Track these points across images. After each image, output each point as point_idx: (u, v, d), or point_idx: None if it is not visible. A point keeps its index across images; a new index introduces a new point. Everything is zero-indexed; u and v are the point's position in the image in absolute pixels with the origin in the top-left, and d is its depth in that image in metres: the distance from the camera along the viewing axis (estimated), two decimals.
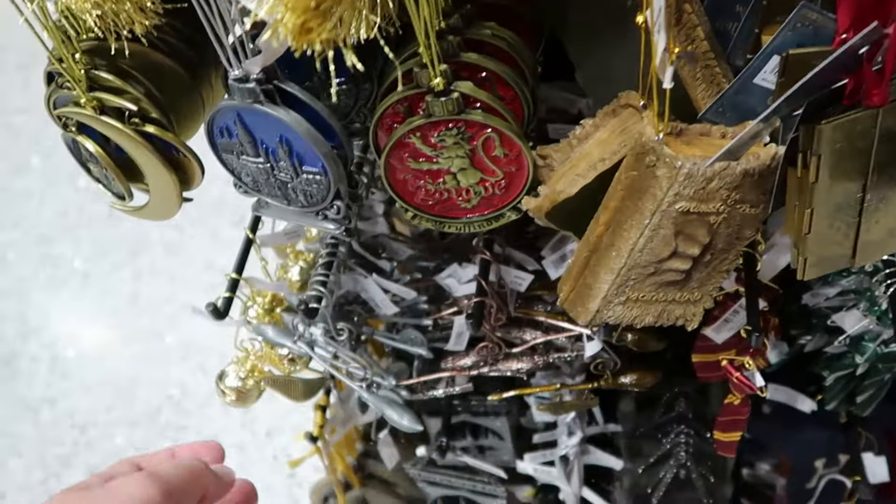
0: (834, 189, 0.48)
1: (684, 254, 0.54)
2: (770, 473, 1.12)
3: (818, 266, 0.52)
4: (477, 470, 0.95)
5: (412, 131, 0.52)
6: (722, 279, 0.58)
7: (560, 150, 0.57)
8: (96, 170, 0.62)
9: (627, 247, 0.53)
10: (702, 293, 0.58)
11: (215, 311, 0.73)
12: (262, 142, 0.55)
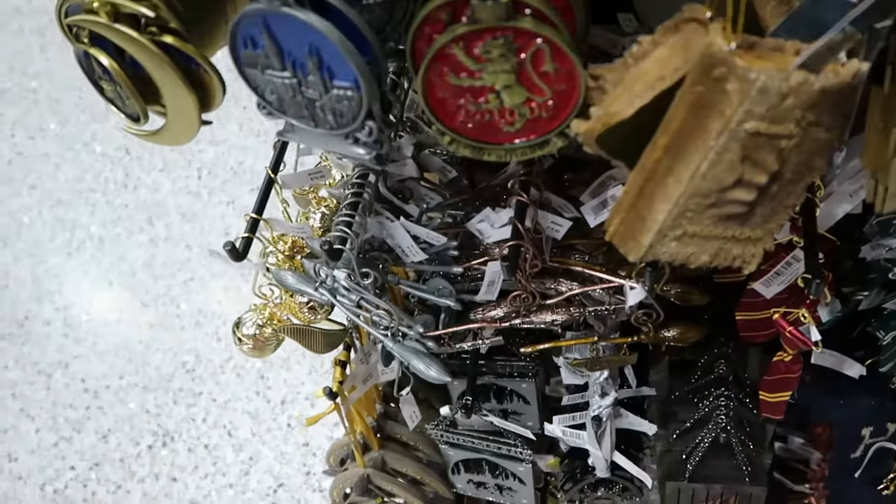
0: None
1: (750, 182, 0.49)
2: (804, 447, 1.08)
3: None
4: (501, 432, 0.91)
5: (455, 40, 0.48)
6: (786, 217, 0.53)
7: (614, 70, 0.52)
8: (109, 88, 0.57)
9: (688, 172, 0.48)
10: (764, 231, 0.54)
11: (233, 252, 0.70)
12: (289, 53, 0.50)
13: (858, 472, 0.79)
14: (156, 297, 2.16)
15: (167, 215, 2.30)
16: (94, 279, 2.23)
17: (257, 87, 0.54)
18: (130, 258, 2.24)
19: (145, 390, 2.00)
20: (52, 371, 2.05)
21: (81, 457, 1.91)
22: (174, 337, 2.08)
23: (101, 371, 2.04)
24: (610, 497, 0.91)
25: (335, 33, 0.48)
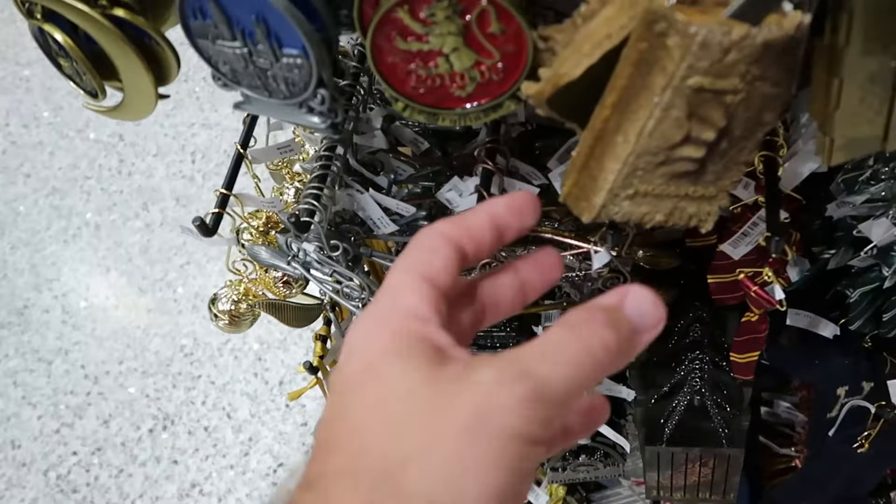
0: (867, 56, 0.43)
1: (698, 139, 0.49)
2: (789, 411, 1.08)
3: (846, 149, 0.47)
4: None
5: (399, 4, 0.48)
6: (740, 173, 0.53)
7: (564, 30, 0.52)
8: (67, 65, 0.58)
9: (635, 130, 0.48)
10: (717, 188, 0.54)
11: (202, 227, 0.70)
12: (237, 21, 0.50)
13: (833, 430, 0.80)
14: (153, 282, 2.17)
15: (162, 200, 2.31)
16: (91, 266, 2.24)
17: (210, 57, 0.54)
18: (127, 244, 2.25)
19: (145, 375, 2.02)
20: (53, 358, 2.07)
21: (83, 442, 1.93)
22: (172, 321, 2.10)
23: (101, 357, 2.06)
24: (592, 463, 0.92)
25: (279, 1, 0.48)
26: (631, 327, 0.36)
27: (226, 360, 2.01)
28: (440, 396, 0.32)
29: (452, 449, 0.31)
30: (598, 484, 1.17)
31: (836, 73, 0.44)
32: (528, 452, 0.32)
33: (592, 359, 0.34)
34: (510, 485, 0.32)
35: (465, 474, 0.31)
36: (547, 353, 0.34)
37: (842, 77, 0.44)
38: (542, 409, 0.32)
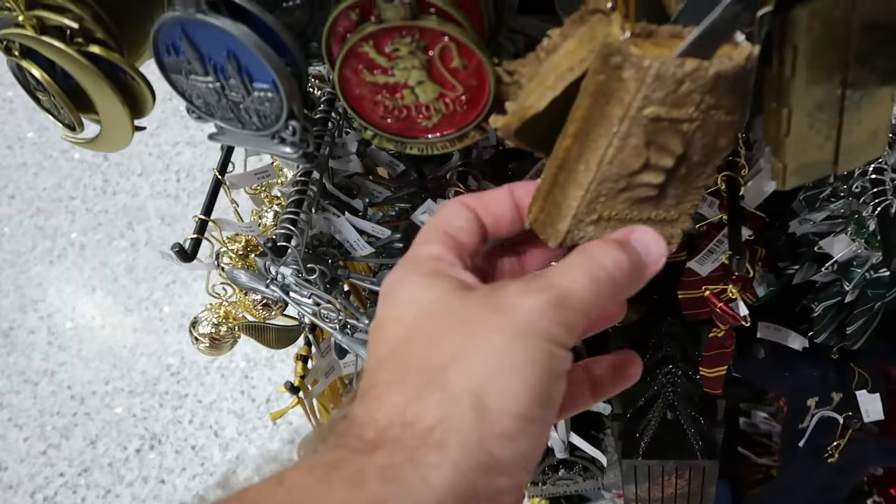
0: (812, 85, 0.45)
1: (657, 166, 0.50)
2: (767, 422, 1.10)
3: (798, 174, 0.49)
4: None
5: (364, 39, 0.50)
6: (699, 197, 0.55)
7: (528, 64, 0.53)
8: (45, 99, 0.59)
9: (596, 158, 0.50)
10: (679, 212, 0.55)
11: (182, 253, 0.71)
12: (209, 58, 0.52)
13: (803, 441, 0.82)
14: (139, 302, 2.17)
15: (147, 219, 2.32)
16: (76, 286, 2.24)
17: (184, 92, 0.56)
18: (112, 263, 2.25)
19: (131, 394, 2.02)
20: (39, 379, 2.07)
21: (70, 463, 1.93)
22: (158, 340, 2.10)
23: (87, 377, 2.06)
24: (571, 477, 0.94)
25: (249, 37, 0.50)
26: (638, 256, 0.42)
27: (212, 379, 2.01)
28: (473, 309, 0.36)
29: (491, 349, 0.34)
30: (581, 497, 1.19)
31: (784, 103, 0.46)
32: (558, 353, 0.35)
33: (607, 274, 0.39)
34: (546, 382, 0.35)
35: (504, 369, 0.34)
36: (566, 269, 0.38)
37: (790, 106, 0.46)
38: (566, 314, 0.36)
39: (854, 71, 0.45)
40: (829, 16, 0.43)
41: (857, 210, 0.65)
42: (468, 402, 0.33)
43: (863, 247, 0.65)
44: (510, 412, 0.34)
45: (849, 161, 0.49)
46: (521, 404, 0.34)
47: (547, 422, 0.36)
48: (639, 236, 0.43)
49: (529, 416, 0.34)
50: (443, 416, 0.33)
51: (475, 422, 0.33)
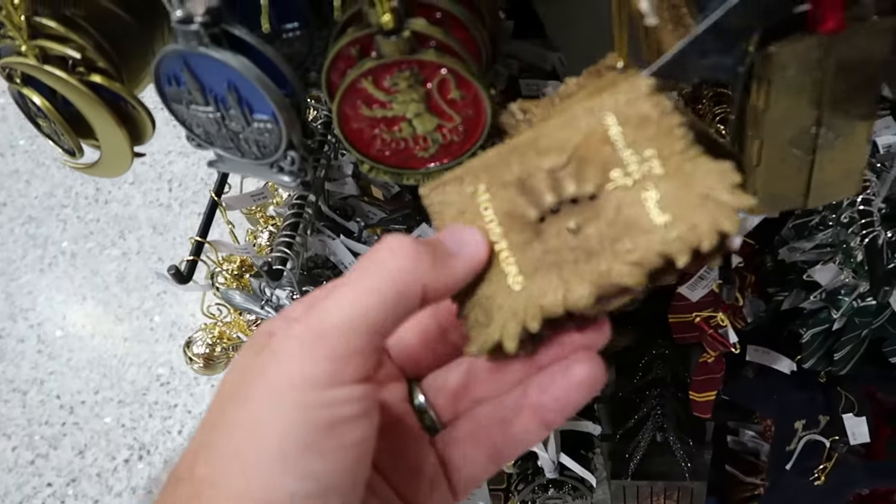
0: (785, 120, 0.46)
1: None
2: (755, 440, 1.11)
3: (767, 203, 0.50)
4: None
5: (364, 75, 0.50)
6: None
7: (542, 105, 0.54)
8: (45, 125, 0.60)
9: None
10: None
11: (178, 275, 0.72)
12: (210, 89, 0.53)
13: (790, 463, 0.83)
14: (129, 311, 2.17)
15: (139, 228, 2.32)
16: (67, 295, 2.24)
17: (184, 120, 0.57)
18: (103, 272, 2.25)
19: (121, 404, 2.01)
20: (28, 388, 2.06)
21: (58, 473, 1.92)
22: (148, 350, 2.10)
23: (77, 386, 2.05)
24: (561, 496, 0.94)
25: (250, 70, 0.50)
26: (443, 247, 0.37)
27: (202, 389, 2.01)
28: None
29: (239, 420, 0.32)
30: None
31: (757, 135, 0.47)
32: (322, 397, 0.32)
33: (380, 269, 0.34)
34: (300, 439, 0.31)
35: (241, 445, 0.31)
36: (333, 285, 0.35)
37: (762, 138, 0.46)
38: (328, 343, 0.32)
39: (828, 112, 0.46)
40: (806, 57, 0.44)
41: (846, 240, 0.66)
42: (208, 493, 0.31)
43: (850, 276, 0.66)
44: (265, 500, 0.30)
45: (820, 197, 0.50)
46: (260, 485, 0.31)
47: (319, 494, 0.32)
48: (451, 234, 0.38)
49: (288, 501, 0.31)
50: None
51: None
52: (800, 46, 0.44)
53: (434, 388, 0.41)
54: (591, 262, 0.38)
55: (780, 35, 0.45)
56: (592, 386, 0.37)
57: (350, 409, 0.33)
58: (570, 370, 0.37)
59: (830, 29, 0.42)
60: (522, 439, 0.38)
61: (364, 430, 0.33)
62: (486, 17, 0.54)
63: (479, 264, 0.38)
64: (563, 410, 0.37)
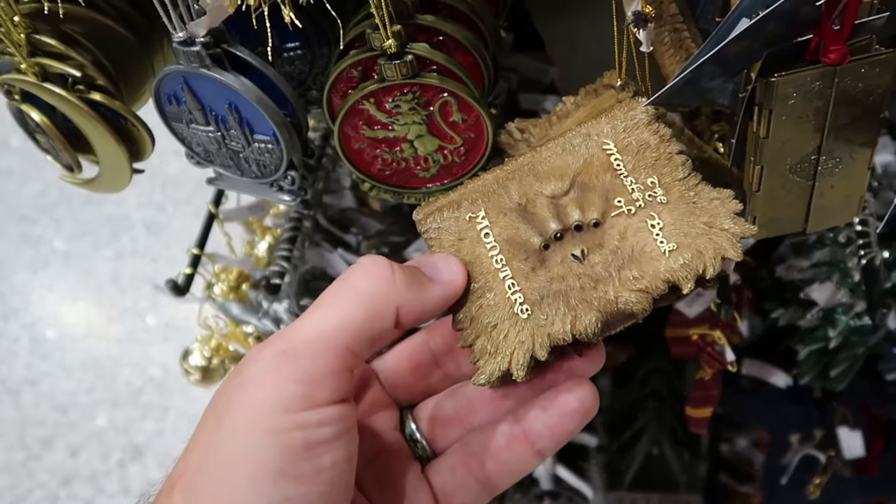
0: (786, 147, 0.46)
1: None
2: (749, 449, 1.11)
3: (767, 227, 0.50)
4: None
5: (365, 97, 0.50)
6: None
7: (539, 125, 0.54)
8: (44, 140, 0.59)
9: None
10: None
11: (175, 288, 0.72)
12: (210, 109, 0.52)
13: (785, 477, 0.83)
14: (123, 312, 2.16)
15: (132, 229, 2.31)
16: (60, 295, 2.23)
17: (184, 139, 0.56)
18: (97, 273, 2.24)
19: (114, 406, 2.00)
20: (20, 389, 2.05)
21: (51, 475, 1.91)
22: (142, 351, 2.09)
23: (69, 387, 2.04)
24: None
25: (252, 91, 0.50)
26: (419, 273, 0.37)
27: (196, 391, 1.99)
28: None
29: (212, 449, 0.32)
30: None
31: (758, 161, 0.47)
32: (295, 420, 0.32)
33: (354, 292, 0.34)
34: (281, 459, 0.31)
35: (218, 477, 0.31)
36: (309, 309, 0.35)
37: (762, 164, 0.47)
38: (298, 364, 0.32)
39: (830, 140, 0.46)
40: (808, 86, 0.44)
41: (843, 259, 0.66)
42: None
43: (847, 295, 0.67)
44: None
45: (819, 222, 0.51)
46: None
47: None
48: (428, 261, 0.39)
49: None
50: None
51: None
52: (802, 76, 0.44)
53: (426, 417, 0.42)
54: (597, 290, 0.38)
55: (782, 63, 0.45)
56: (586, 414, 0.37)
57: (325, 431, 0.32)
58: (562, 398, 0.37)
59: (834, 60, 0.43)
60: (515, 469, 0.39)
61: (341, 452, 0.33)
62: (489, 40, 0.54)
63: (455, 292, 0.38)
64: (556, 439, 0.38)
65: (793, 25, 0.43)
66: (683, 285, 0.38)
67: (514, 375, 0.37)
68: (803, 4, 0.41)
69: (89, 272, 2.24)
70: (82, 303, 2.20)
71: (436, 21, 0.50)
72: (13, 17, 0.51)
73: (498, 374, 0.37)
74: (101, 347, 2.11)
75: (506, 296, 0.39)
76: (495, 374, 0.37)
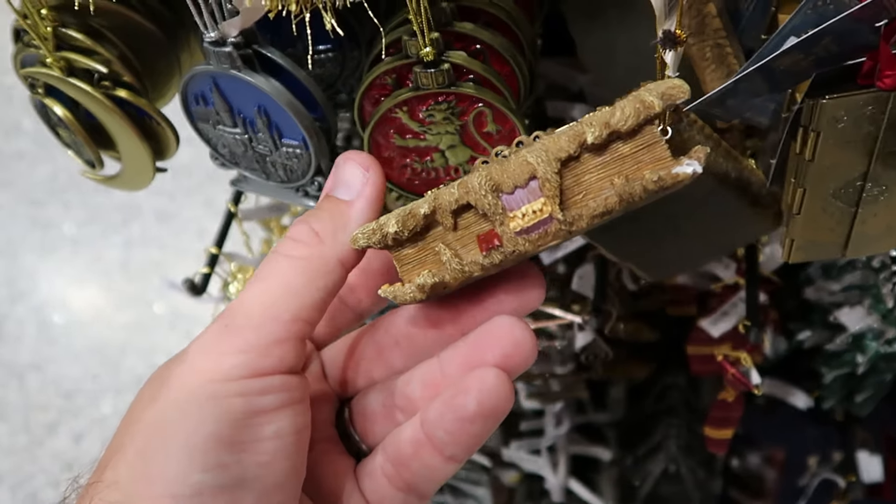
0: (831, 171, 0.45)
1: None
2: (761, 466, 1.10)
3: (805, 250, 0.49)
4: None
5: (399, 105, 0.49)
6: None
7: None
8: (66, 135, 0.58)
9: None
10: None
11: (192, 287, 0.71)
12: (239, 111, 0.51)
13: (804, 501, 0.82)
14: (130, 299, 2.15)
15: (142, 216, 2.30)
16: (68, 280, 2.22)
17: (210, 140, 0.55)
18: (105, 259, 2.23)
19: (119, 393, 2.00)
20: (25, 373, 2.05)
21: (54, 460, 1.91)
22: (148, 339, 2.08)
23: (75, 373, 2.04)
24: None
25: (283, 95, 0.49)
26: (337, 209, 0.36)
27: None
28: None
29: (146, 420, 0.31)
30: None
31: (800, 183, 0.45)
32: (237, 387, 0.31)
33: (288, 259, 0.34)
34: (211, 435, 0.31)
35: (149, 447, 0.31)
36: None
37: (805, 187, 0.45)
38: (239, 338, 0.32)
39: (877, 167, 0.45)
40: (861, 112, 0.43)
41: (875, 283, 0.65)
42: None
43: (878, 321, 0.65)
44: (165, 494, 0.30)
45: (858, 249, 0.49)
46: (175, 483, 0.30)
47: (228, 485, 0.31)
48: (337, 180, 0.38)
49: (190, 492, 0.30)
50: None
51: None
52: (855, 100, 0.43)
53: (359, 411, 0.40)
54: (500, 161, 0.36)
55: (830, 84, 0.44)
56: (488, 416, 0.33)
57: (269, 399, 0.32)
58: (459, 400, 0.34)
59: (889, 86, 0.41)
60: (430, 476, 0.36)
61: (286, 422, 0.32)
62: (527, 49, 0.52)
63: (376, 190, 0.37)
64: (463, 445, 0.34)
65: (847, 45, 0.41)
66: (587, 132, 0.34)
67: (388, 227, 0.35)
68: (862, 24, 0.39)
69: (98, 258, 2.23)
70: (90, 289, 2.19)
71: (474, 29, 0.49)
72: (40, 9, 0.50)
73: (374, 226, 0.35)
74: (107, 334, 2.11)
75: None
76: (369, 227, 0.35)
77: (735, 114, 0.52)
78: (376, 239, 0.35)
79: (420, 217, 0.35)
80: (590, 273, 0.68)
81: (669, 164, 0.34)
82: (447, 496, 0.99)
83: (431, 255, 0.36)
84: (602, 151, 0.34)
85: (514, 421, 0.95)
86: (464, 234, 0.35)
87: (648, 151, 0.35)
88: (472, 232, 0.35)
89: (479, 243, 0.35)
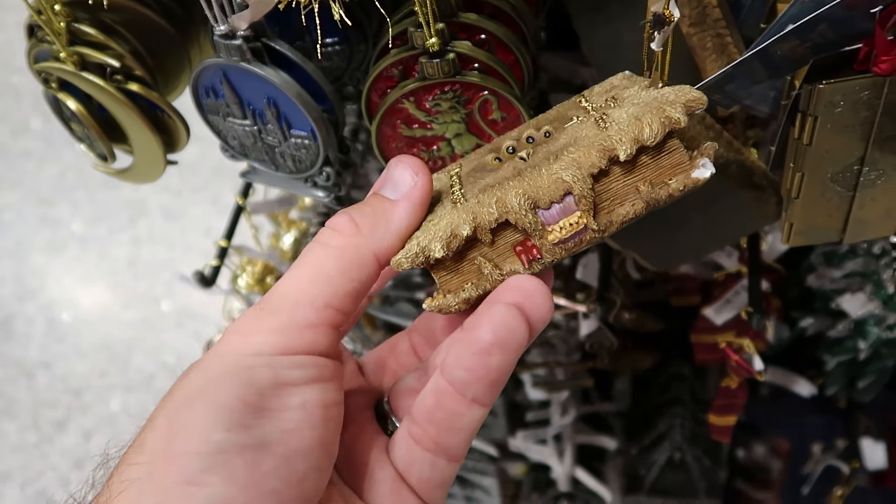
0: (829, 156, 0.46)
1: None
2: (766, 456, 1.11)
3: (803, 234, 0.50)
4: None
5: (405, 96, 0.50)
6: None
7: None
8: (79, 129, 0.59)
9: None
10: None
11: (202, 280, 0.72)
12: (249, 103, 0.52)
13: (808, 487, 0.82)
14: (138, 297, 2.17)
15: (149, 214, 2.31)
16: (76, 278, 2.23)
17: (220, 132, 0.56)
18: (113, 257, 2.25)
19: (127, 390, 2.01)
20: (34, 370, 2.06)
21: (63, 457, 1.92)
22: (156, 337, 2.10)
23: (83, 371, 2.05)
24: None
25: (291, 87, 0.50)
26: (381, 205, 0.38)
27: None
28: None
29: (179, 388, 0.33)
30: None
31: (798, 167, 0.46)
32: (267, 360, 0.32)
33: (324, 247, 0.36)
34: (245, 388, 0.32)
35: (183, 406, 0.32)
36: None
37: (803, 171, 0.46)
38: (274, 320, 0.33)
39: (874, 152, 0.46)
40: (857, 97, 0.44)
41: (876, 270, 0.66)
42: (147, 457, 0.31)
43: (879, 307, 0.66)
44: (186, 451, 0.30)
45: (857, 234, 0.50)
46: (197, 440, 0.30)
47: (250, 445, 0.31)
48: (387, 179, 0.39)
49: (212, 449, 0.30)
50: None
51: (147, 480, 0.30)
52: (851, 85, 0.44)
53: (396, 394, 0.41)
54: (532, 172, 0.37)
55: (828, 71, 0.45)
56: (505, 344, 0.33)
57: (297, 373, 0.33)
58: (474, 334, 0.34)
59: (885, 70, 0.42)
60: (456, 426, 0.35)
61: (313, 395, 0.33)
62: (530, 39, 0.53)
63: (422, 194, 0.38)
64: (483, 382, 0.34)
65: (843, 32, 0.42)
66: (619, 149, 0.36)
67: (433, 251, 0.36)
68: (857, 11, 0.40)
69: (106, 256, 2.25)
70: (98, 287, 2.21)
71: (479, 19, 0.50)
72: (54, 5, 0.51)
73: (416, 250, 0.36)
74: (115, 332, 2.12)
75: (451, 199, 0.39)
76: (412, 251, 0.36)
77: (735, 100, 0.52)
78: (420, 261, 0.37)
79: (462, 238, 0.36)
80: (594, 262, 0.69)
81: (687, 167, 0.36)
82: (454, 486, 1.00)
83: (469, 266, 0.37)
84: (628, 163, 0.36)
85: (520, 411, 0.96)
86: (500, 246, 0.37)
87: (668, 157, 0.36)
88: (508, 242, 0.37)
89: (518, 255, 0.37)
